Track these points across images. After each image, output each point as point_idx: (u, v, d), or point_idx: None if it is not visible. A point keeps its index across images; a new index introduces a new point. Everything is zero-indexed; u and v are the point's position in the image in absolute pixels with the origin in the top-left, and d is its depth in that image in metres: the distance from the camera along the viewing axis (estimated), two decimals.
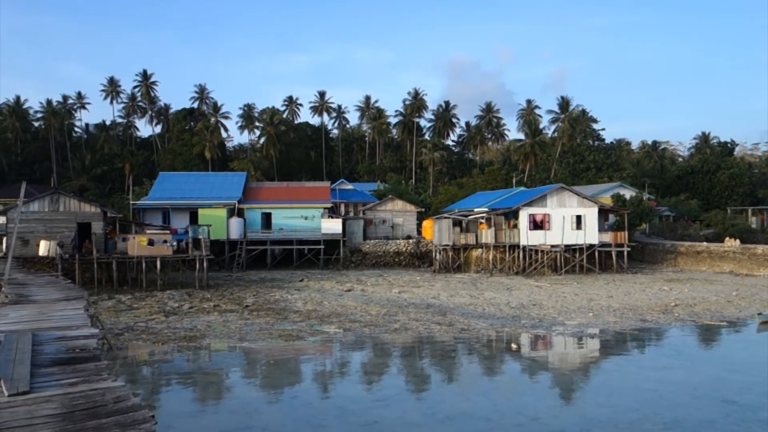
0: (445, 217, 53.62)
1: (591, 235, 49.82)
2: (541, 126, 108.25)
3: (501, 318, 30.11)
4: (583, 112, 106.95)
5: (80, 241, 40.15)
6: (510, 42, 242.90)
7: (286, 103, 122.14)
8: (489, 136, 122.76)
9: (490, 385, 20.28)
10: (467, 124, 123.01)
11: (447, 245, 50.82)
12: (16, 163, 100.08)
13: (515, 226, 50.49)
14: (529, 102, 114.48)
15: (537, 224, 49.86)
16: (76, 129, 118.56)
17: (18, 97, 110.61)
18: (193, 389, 19.12)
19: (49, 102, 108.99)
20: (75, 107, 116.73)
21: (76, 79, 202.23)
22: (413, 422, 15.84)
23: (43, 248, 38.41)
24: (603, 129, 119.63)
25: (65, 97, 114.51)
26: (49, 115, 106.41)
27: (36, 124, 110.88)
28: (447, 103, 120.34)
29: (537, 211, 49.94)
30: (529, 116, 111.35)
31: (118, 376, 9.96)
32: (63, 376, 10.09)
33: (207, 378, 20.21)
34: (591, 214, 50.09)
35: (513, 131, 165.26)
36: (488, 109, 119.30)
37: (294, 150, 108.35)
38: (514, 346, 24.91)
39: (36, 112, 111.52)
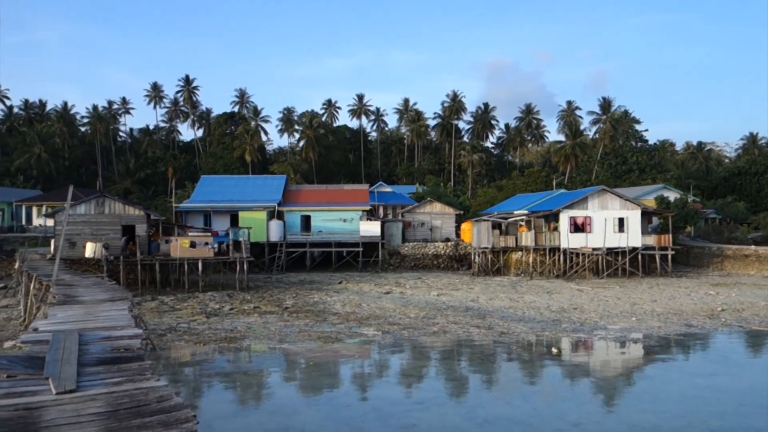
0: (484, 220, 53.25)
1: (634, 237, 48.90)
2: (581, 127, 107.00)
3: (541, 321, 29.76)
4: (626, 112, 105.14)
5: (125, 244, 40.99)
6: (549, 43, 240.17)
7: (324, 106, 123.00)
8: (528, 137, 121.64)
9: (530, 389, 20.05)
10: (506, 125, 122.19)
11: (486, 248, 50.45)
12: (64, 167, 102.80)
13: (555, 228, 49.86)
14: (569, 103, 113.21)
15: (578, 227, 49.17)
16: (120, 133, 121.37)
17: (65, 103, 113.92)
18: (234, 390, 19.34)
19: (95, 107, 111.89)
20: (120, 112, 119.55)
21: (121, 84, 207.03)
22: (452, 426, 15.75)
23: (90, 250, 39.32)
24: (646, 130, 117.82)
25: (110, 103, 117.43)
26: (95, 120, 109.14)
27: (83, 129, 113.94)
28: (486, 104, 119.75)
29: (578, 213, 49.24)
30: (569, 117, 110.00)
31: (161, 375, 10.13)
32: (108, 375, 10.29)
33: (247, 379, 20.42)
34: (634, 217, 49.17)
35: (553, 133, 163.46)
36: (528, 110, 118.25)
37: (333, 153, 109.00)
38: (554, 350, 24.60)
39: (83, 117, 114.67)
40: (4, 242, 57.95)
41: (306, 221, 55.04)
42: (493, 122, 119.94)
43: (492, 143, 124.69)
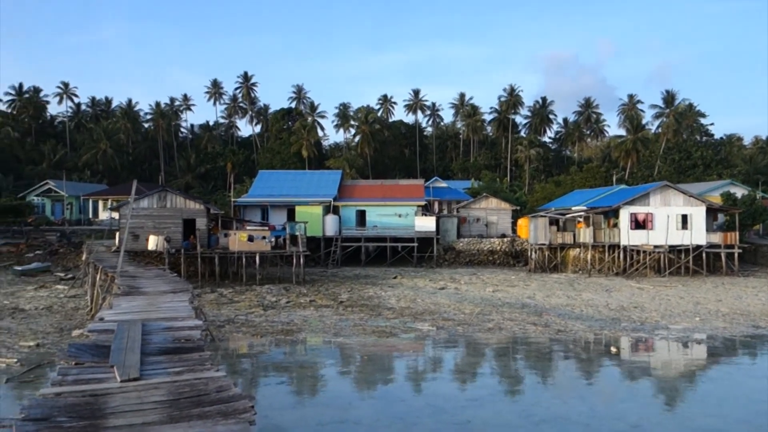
0: (542, 216, 52.45)
1: (698, 235, 47.35)
2: (643, 121, 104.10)
3: (600, 320, 29.15)
4: (690, 106, 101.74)
5: (185, 237, 42.03)
6: (611, 34, 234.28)
7: (380, 101, 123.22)
8: (588, 132, 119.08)
9: (587, 388, 19.67)
10: (565, 120, 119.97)
11: (543, 244, 49.71)
12: (128, 162, 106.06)
13: (615, 225, 48.72)
14: (630, 96, 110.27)
15: (639, 224, 47.91)
16: (182, 129, 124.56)
17: (129, 100, 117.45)
18: (290, 382, 19.62)
19: (157, 104, 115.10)
20: (181, 109, 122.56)
21: (183, 81, 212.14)
22: (507, 423, 15.60)
23: (152, 243, 40.48)
24: (711, 124, 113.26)
25: (172, 99, 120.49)
26: (157, 116, 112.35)
27: (146, 125, 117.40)
28: (544, 99, 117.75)
29: (639, 210, 47.97)
30: (630, 111, 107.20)
31: (219, 366, 10.33)
32: (170, 364, 10.57)
33: (303, 371, 20.68)
34: (698, 214, 47.60)
35: (613, 127, 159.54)
36: (587, 104, 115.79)
37: (388, 148, 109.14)
38: (613, 349, 24.06)
39: (146, 114, 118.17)
40: (73, 234, 60.23)
41: (361, 216, 55.34)
42: (551, 117, 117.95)
43: (550, 138, 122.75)
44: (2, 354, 21.13)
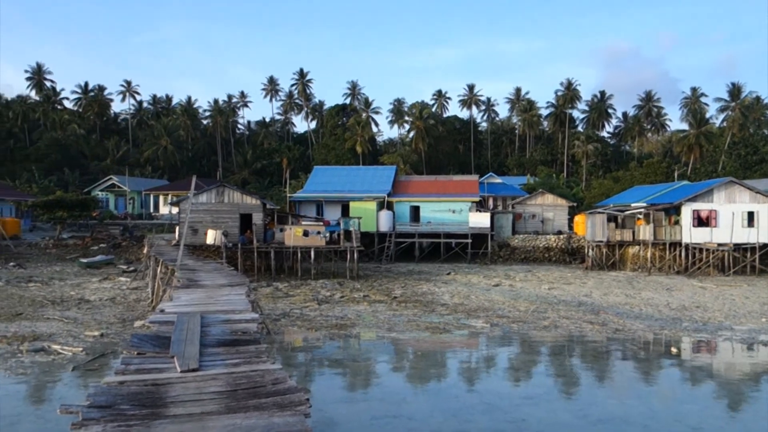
0: (599, 212, 51.36)
1: (765, 233, 45.56)
2: (707, 115, 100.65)
3: (659, 320, 28.38)
4: (758, 99, 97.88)
5: (242, 231, 42.81)
6: (675, 25, 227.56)
7: (435, 97, 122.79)
8: (648, 126, 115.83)
9: (646, 389, 19.18)
10: (624, 114, 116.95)
11: (601, 241, 48.70)
12: (188, 158, 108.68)
13: (677, 222, 47.33)
14: (694, 89, 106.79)
15: (702, 221, 46.42)
16: (239, 126, 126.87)
17: (189, 98, 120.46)
18: (343, 375, 19.77)
19: (215, 101, 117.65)
20: (238, 106, 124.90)
21: (240, 79, 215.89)
22: (563, 423, 15.36)
23: (210, 237, 41.40)
24: None
25: (230, 97, 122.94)
26: (215, 113, 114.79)
27: (204, 122, 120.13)
28: (602, 92, 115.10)
29: (702, 206, 46.47)
30: (693, 105, 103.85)
31: (275, 359, 10.50)
32: (227, 356, 10.80)
33: (356, 366, 20.81)
34: (765, 211, 45.79)
35: (675, 121, 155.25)
36: (648, 98, 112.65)
37: (442, 143, 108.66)
38: (673, 349, 23.39)
39: (204, 111, 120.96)
40: (135, 228, 62.12)
41: (415, 212, 55.31)
42: (609, 111, 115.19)
43: (608, 133, 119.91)
44: (69, 343, 21.97)
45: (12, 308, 28.81)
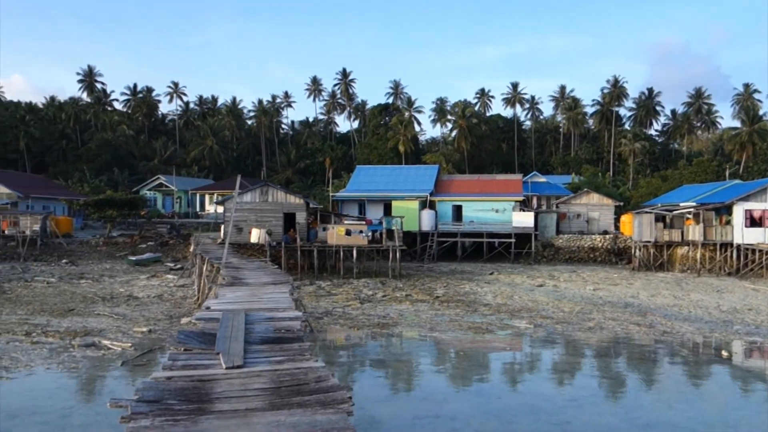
0: (647, 212, 50.29)
1: None
2: (760, 112, 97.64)
3: (709, 322, 27.64)
4: None
5: (285, 230, 43.25)
6: (726, 19, 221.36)
7: (477, 95, 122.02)
8: (698, 124, 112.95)
9: (695, 393, 18.71)
10: (673, 111, 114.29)
11: (648, 242, 47.68)
12: (232, 158, 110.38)
13: (728, 222, 46.03)
14: (746, 86, 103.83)
15: (755, 221, 45.04)
16: (283, 126, 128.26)
17: (234, 98, 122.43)
18: (385, 374, 19.80)
19: (260, 102, 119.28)
20: (282, 106, 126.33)
21: (284, 79, 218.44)
22: (609, 426, 15.09)
23: (255, 236, 41.94)
24: None
25: (274, 97, 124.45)
26: (260, 113, 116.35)
27: (249, 122, 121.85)
28: (650, 90, 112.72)
29: (755, 206, 45.09)
30: (746, 101, 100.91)
31: (318, 357, 10.57)
32: (271, 353, 10.92)
33: (398, 365, 20.82)
34: None
35: (727, 119, 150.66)
36: (698, 94, 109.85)
37: (485, 142, 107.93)
38: (724, 353, 22.74)
39: (249, 111, 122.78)
40: (181, 227, 63.39)
41: (458, 211, 55.05)
42: (657, 108, 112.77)
43: (656, 131, 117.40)
44: (118, 339, 22.53)
45: (65, 304, 29.70)
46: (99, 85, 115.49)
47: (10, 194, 57.90)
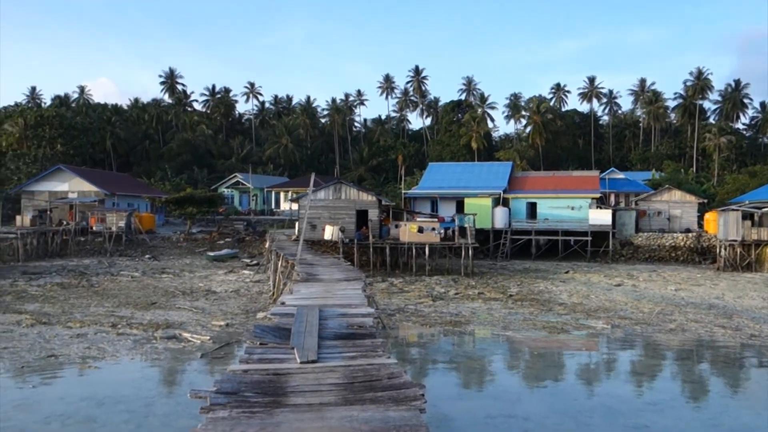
0: (733, 209, 48.05)
1: None
2: None
3: None
4: None
5: (358, 227, 43.62)
6: None
7: (553, 90, 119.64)
8: None
9: None
10: (762, 104, 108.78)
11: (734, 240, 45.55)
12: (307, 156, 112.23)
13: None
14: None
15: None
16: (355, 124, 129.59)
17: (308, 97, 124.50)
18: (457, 372, 19.68)
19: (333, 100, 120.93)
20: (355, 104, 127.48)
21: (357, 77, 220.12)
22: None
23: (328, 233, 42.50)
24: None
25: (347, 95, 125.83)
26: (333, 112, 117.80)
27: (323, 120, 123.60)
28: (737, 81, 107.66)
29: None
30: None
31: (390, 353, 10.60)
32: (344, 349, 11.04)
33: (471, 363, 20.66)
34: None
35: None
36: None
37: (561, 138, 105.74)
38: None
39: (323, 109, 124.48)
40: (257, 224, 64.95)
41: (532, 208, 54.15)
42: (745, 101, 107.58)
43: (744, 124, 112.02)
44: (197, 332, 23.29)
45: (147, 298, 30.95)
46: (180, 87, 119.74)
47: (97, 192, 60.76)
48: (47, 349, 20.21)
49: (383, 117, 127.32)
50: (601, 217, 51.37)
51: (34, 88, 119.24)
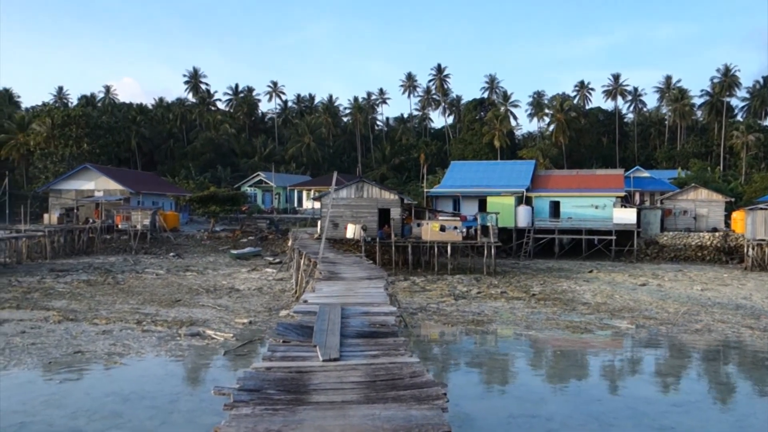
0: (761, 208, 47.26)
1: None
2: None
3: None
4: None
5: (380, 226, 43.62)
6: None
7: (576, 88, 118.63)
8: None
9: None
10: None
11: (763, 240, 44.79)
12: (329, 155, 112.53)
13: None
14: None
15: None
16: (378, 122, 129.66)
17: (330, 96, 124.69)
18: (480, 372, 19.61)
19: (355, 99, 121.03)
20: (377, 102, 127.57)
21: (379, 76, 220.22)
22: None
23: (350, 231, 42.56)
24: None
25: (369, 94, 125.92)
26: (355, 110, 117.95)
27: (345, 119, 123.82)
28: (766, 78, 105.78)
29: None
30: None
31: (413, 352, 10.59)
32: (366, 347, 11.04)
33: (493, 362, 20.58)
34: None
35: None
36: None
37: (585, 136, 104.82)
38: None
39: (345, 108, 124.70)
40: (280, 222, 65.24)
41: (555, 207, 53.76)
42: None
43: None
44: (221, 329, 23.47)
45: (172, 295, 31.27)
46: (203, 86, 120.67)
47: (123, 191, 61.53)
48: (74, 346, 20.52)
49: (405, 115, 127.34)
50: (626, 216, 50.83)
51: (61, 88, 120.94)
